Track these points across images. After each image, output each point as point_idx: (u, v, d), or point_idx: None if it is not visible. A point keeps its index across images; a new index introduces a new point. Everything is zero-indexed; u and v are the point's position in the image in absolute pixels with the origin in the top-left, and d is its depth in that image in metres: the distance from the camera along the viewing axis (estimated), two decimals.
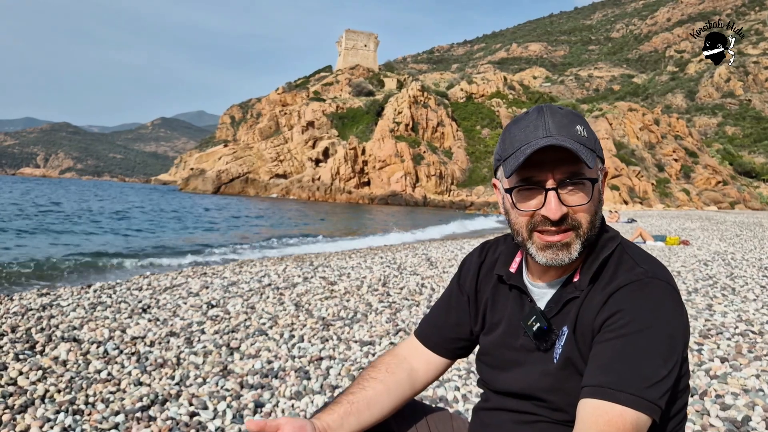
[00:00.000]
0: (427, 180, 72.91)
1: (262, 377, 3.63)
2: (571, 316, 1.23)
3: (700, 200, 71.76)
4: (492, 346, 1.39)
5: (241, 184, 77.97)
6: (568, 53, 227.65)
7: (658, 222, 28.67)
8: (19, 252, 12.10)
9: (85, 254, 11.88)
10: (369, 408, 1.38)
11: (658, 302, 1.15)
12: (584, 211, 1.20)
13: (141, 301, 5.89)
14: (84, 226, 20.55)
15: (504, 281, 1.39)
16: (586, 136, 1.20)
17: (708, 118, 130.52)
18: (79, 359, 3.82)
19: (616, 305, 1.16)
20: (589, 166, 1.18)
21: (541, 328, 1.25)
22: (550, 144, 1.15)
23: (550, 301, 1.29)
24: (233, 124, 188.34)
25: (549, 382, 1.24)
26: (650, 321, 1.12)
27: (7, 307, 5.50)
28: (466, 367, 3.92)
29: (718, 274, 8.59)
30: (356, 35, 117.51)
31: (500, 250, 1.47)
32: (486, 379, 1.41)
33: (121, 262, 10.99)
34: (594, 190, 1.21)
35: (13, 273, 9.03)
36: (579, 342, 1.21)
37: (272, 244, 16.42)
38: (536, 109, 1.24)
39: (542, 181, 1.18)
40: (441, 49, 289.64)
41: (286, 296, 6.35)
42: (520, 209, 1.22)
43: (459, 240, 18.36)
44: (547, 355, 1.26)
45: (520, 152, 1.18)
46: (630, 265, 1.22)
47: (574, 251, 1.21)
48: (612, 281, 1.20)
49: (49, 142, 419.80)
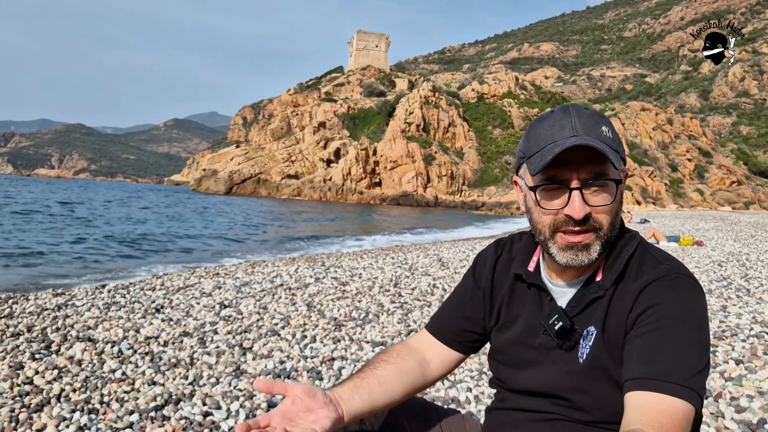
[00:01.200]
0: (438, 180, 72.86)
1: (275, 377, 3.65)
2: (597, 316, 1.24)
3: (714, 200, 71.18)
4: (508, 344, 1.38)
5: (253, 185, 78.29)
6: (580, 53, 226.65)
7: (671, 222, 28.46)
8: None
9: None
10: (381, 385, 1.34)
11: (688, 296, 1.17)
12: (606, 212, 1.21)
13: (154, 302, 5.94)
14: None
15: (523, 280, 1.38)
16: (611, 137, 1.21)
17: (722, 118, 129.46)
18: (94, 359, 3.86)
19: (649, 300, 1.17)
20: (616, 167, 1.19)
21: (564, 327, 1.25)
22: (579, 143, 1.15)
23: (572, 300, 1.29)
24: (245, 124, 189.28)
25: (573, 381, 1.24)
26: (684, 314, 1.14)
27: (23, 306, 5.56)
28: (477, 368, 3.92)
29: (733, 275, 8.52)
30: (367, 36, 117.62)
31: (516, 248, 1.47)
32: (502, 378, 1.40)
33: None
34: (618, 191, 1.22)
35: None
36: (608, 341, 1.21)
37: (285, 244, 16.48)
38: (562, 108, 1.24)
39: (567, 180, 1.19)
40: (452, 50, 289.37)
41: (298, 297, 6.37)
42: (544, 207, 1.22)
43: (471, 241, 18.33)
44: (571, 354, 1.25)
45: (547, 150, 1.18)
46: (653, 263, 1.23)
47: (594, 252, 1.21)
48: (638, 278, 1.21)
49: (63, 144, 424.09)
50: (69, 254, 12.10)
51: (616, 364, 1.19)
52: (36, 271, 9.72)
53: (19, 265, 10.15)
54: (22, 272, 9.50)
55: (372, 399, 1.31)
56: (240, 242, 17.43)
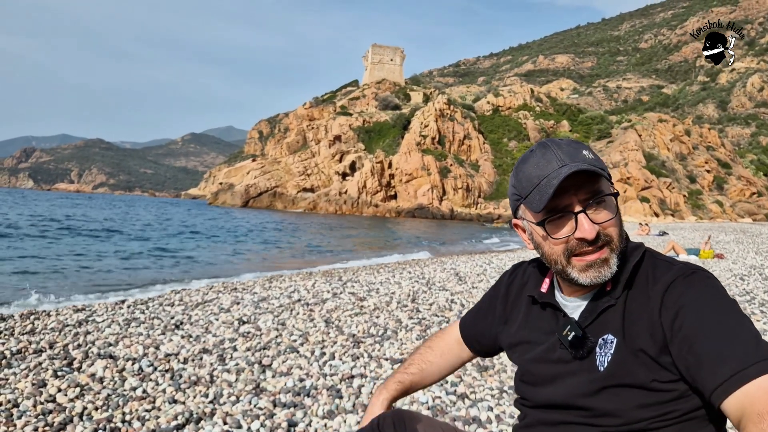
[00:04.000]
0: (453, 193, 72.74)
1: (295, 395, 3.64)
2: (614, 324, 1.26)
3: (734, 212, 70.29)
4: (530, 362, 1.42)
5: (269, 198, 78.70)
6: (596, 64, 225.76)
7: (690, 235, 28.13)
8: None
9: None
10: (422, 382, 1.75)
11: (710, 286, 1.20)
12: (613, 225, 1.26)
13: (173, 317, 5.97)
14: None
15: (536, 301, 1.43)
16: (593, 158, 1.28)
17: (741, 128, 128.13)
18: (115, 376, 3.88)
19: (676, 302, 1.19)
20: (610, 181, 1.27)
21: (576, 336, 1.29)
22: (572, 171, 1.20)
23: (584, 312, 1.32)
24: (261, 138, 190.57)
25: (594, 390, 1.25)
26: (717, 302, 1.16)
27: (45, 322, 5.62)
28: (498, 386, 3.89)
29: (756, 289, 8.39)
30: (382, 50, 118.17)
31: (530, 271, 1.53)
32: (526, 396, 1.43)
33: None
34: (616, 204, 1.28)
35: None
36: (633, 346, 1.22)
37: (302, 258, 16.52)
38: (540, 145, 1.31)
39: (569, 206, 1.24)
40: (467, 62, 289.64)
41: (316, 312, 6.37)
42: (555, 238, 1.27)
43: (487, 254, 18.24)
44: (589, 363, 1.27)
45: (543, 185, 1.23)
46: (667, 266, 1.27)
47: (613, 265, 1.25)
48: (655, 283, 1.24)
49: (83, 158, 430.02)
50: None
51: (642, 367, 1.20)
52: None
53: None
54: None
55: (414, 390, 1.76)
56: (257, 255, 17.50)
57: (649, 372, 1.19)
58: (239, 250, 19.46)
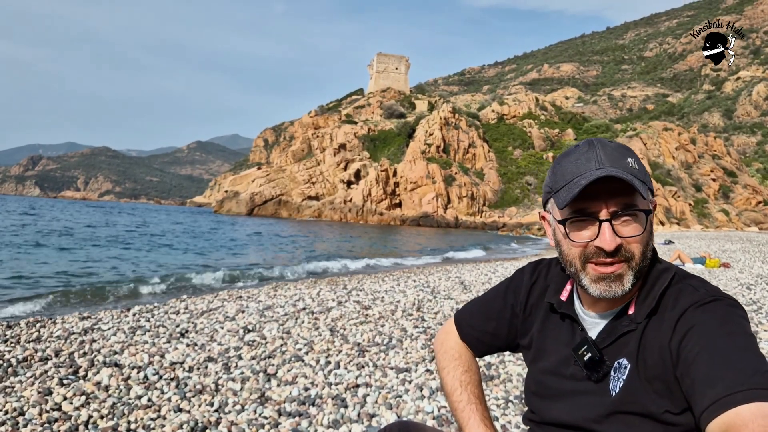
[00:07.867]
0: (458, 201, 72.66)
1: (300, 404, 3.63)
2: (630, 349, 1.22)
3: (740, 221, 69.98)
4: (542, 373, 1.39)
5: (274, 206, 78.77)
6: (601, 73, 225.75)
7: (696, 243, 28.01)
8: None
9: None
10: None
11: (726, 312, 1.14)
12: (638, 242, 1.20)
13: (179, 326, 5.97)
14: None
15: (555, 310, 1.39)
16: (637, 168, 1.22)
17: (747, 137, 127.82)
18: (121, 384, 3.88)
19: (687, 324, 1.14)
20: (644, 197, 1.20)
21: (593, 359, 1.25)
22: (605, 175, 1.16)
23: (602, 332, 1.28)
24: (266, 146, 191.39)
25: (604, 414, 1.22)
26: (725, 326, 1.11)
27: (51, 330, 5.63)
28: (503, 396, 3.87)
29: (762, 298, 8.34)
30: (387, 58, 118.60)
31: (552, 275, 1.47)
32: (536, 409, 1.40)
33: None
34: (648, 221, 1.22)
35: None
36: (645, 374, 1.19)
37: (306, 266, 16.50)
38: (587, 142, 1.26)
39: (596, 213, 1.20)
40: (472, 71, 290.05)
41: (320, 321, 6.37)
42: (574, 240, 1.23)
43: (492, 263, 18.21)
44: (601, 387, 1.24)
45: (574, 183, 1.19)
46: (691, 291, 1.21)
47: (627, 283, 1.21)
48: (674, 308, 1.19)
49: (89, 166, 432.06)
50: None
51: (654, 395, 1.17)
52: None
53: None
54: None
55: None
56: (262, 262, 17.51)
57: (661, 401, 1.16)
58: (243, 256, 19.49)
